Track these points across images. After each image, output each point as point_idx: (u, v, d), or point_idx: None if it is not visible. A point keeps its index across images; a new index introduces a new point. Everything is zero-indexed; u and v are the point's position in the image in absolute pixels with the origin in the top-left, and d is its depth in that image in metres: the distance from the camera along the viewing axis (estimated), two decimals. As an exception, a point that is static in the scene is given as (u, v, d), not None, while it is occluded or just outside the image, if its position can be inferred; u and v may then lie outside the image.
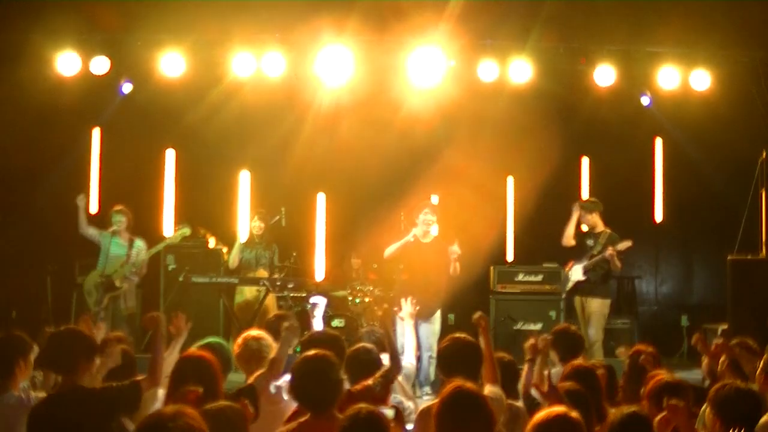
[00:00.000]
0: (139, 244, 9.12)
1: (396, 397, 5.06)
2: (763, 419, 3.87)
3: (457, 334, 4.89)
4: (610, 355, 8.52)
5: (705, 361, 5.64)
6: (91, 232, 9.07)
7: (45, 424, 3.99)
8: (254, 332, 5.22)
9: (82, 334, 4.50)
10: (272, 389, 4.95)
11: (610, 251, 8.70)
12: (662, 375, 4.62)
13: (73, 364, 4.28)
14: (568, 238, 9.03)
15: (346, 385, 4.86)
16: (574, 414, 3.32)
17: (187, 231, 9.20)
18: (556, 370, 5.77)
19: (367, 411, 3.51)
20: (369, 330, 6.01)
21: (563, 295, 9.23)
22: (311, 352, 4.22)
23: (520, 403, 4.87)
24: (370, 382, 4.69)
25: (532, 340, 4.94)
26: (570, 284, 9.07)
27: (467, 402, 3.55)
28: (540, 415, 3.35)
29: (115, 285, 8.92)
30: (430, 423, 4.42)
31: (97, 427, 4.06)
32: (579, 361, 5.00)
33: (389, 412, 3.93)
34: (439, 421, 3.56)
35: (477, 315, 5.04)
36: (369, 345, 5.09)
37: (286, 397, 4.89)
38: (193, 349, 4.69)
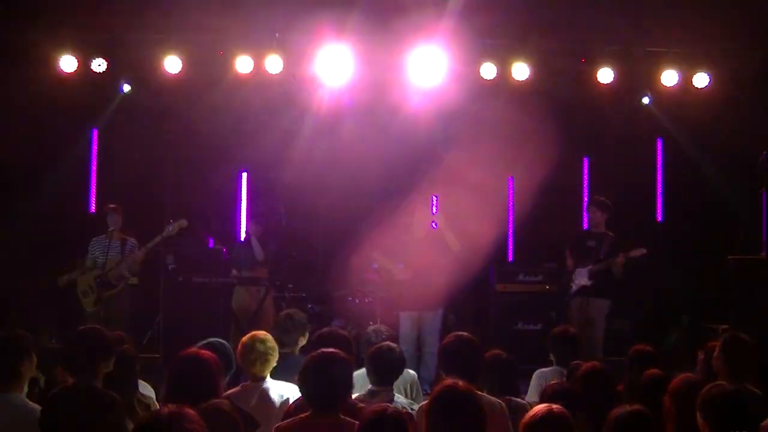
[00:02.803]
0: (132, 242, 9.13)
1: (399, 397, 5.04)
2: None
3: (459, 332, 4.89)
4: (609, 355, 8.51)
5: (700, 356, 5.63)
6: (89, 258, 9.06)
7: (59, 419, 3.99)
8: (261, 333, 5.20)
9: (102, 333, 4.49)
10: (271, 392, 4.94)
11: (621, 258, 8.65)
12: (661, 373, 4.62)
13: (92, 364, 4.28)
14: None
15: (368, 385, 4.87)
16: (556, 407, 3.37)
17: (184, 223, 9.15)
18: (553, 369, 5.78)
19: (394, 410, 3.52)
20: (376, 329, 5.98)
21: (566, 299, 9.19)
22: (326, 349, 4.19)
23: (519, 399, 4.88)
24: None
25: None
26: (574, 288, 9.03)
27: (458, 401, 3.54)
28: (528, 414, 3.40)
29: (112, 283, 8.91)
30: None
31: (109, 426, 4.06)
32: (590, 363, 4.96)
33: None
34: (429, 419, 3.55)
35: None
36: (392, 344, 5.08)
37: (281, 394, 4.89)
38: (192, 348, 4.66)
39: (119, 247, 9.03)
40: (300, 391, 4.15)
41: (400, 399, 4.94)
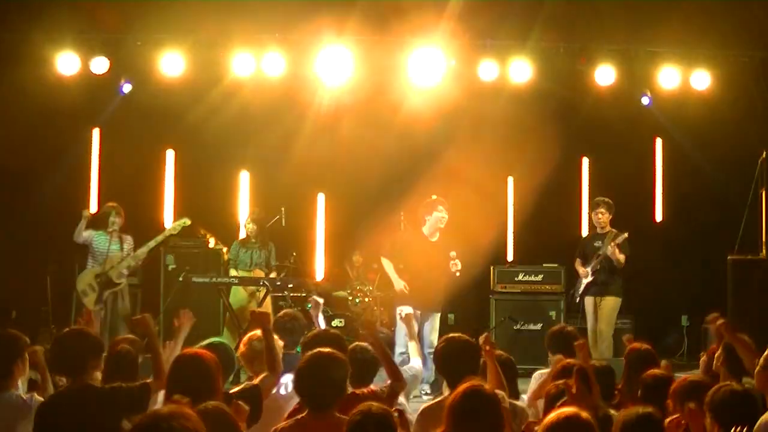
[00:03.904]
0: (130, 240, 9.11)
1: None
2: (763, 418, 3.87)
3: (454, 334, 4.88)
4: (616, 356, 8.51)
5: (702, 358, 5.63)
6: (86, 235, 9.01)
7: (54, 420, 3.99)
8: (260, 332, 5.20)
9: (88, 333, 4.50)
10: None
11: (610, 247, 8.80)
12: (663, 372, 4.62)
13: (82, 364, 4.28)
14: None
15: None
16: (585, 414, 3.25)
17: (187, 221, 9.15)
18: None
19: (379, 408, 3.52)
20: (356, 347, 5.94)
21: (577, 299, 9.25)
22: (323, 349, 4.18)
23: (519, 402, 4.87)
24: (375, 388, 4.68)
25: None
26: (582, 288, 9.11)
27: (482, 402, 3.54)
28: (551, 416, 3.30)
29: (114, 282, 8.91)
30: (430, 422, 4.43)
31: (105, 425, 4.07)
32: (570, 359, 4.97)
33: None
34: (451, 418, 3.54)
35: (482, 338, 4.84)
36: (365, 344, 5.07)
37: (283, 392, 4.89)
38: (191, 348, 4.66)
39: (118, 245, 9.02)
40: (296, 390, 4.15)
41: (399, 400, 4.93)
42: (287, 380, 4.96)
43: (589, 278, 9.01)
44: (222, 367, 4.32)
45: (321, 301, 6.01)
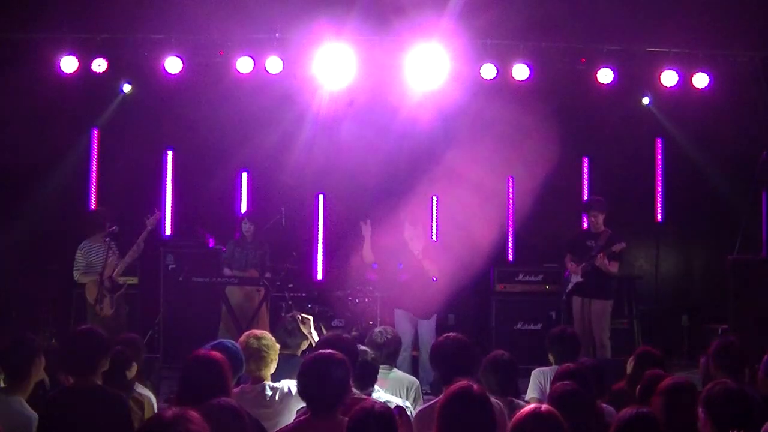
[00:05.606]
0: (111, 242, 9.06)
1: (385, 395, 5.02)
2: None
3: (451, 333, 4.91)
4: (616, 356, 8.51)
5: (702, 361, 5.63)
6: (84, 261, 8.93)
7: (60, 418, 4.00)
8: (258, 331, 5.21)
9: (98, 333, 4.51)
10: (268, 391, 4.94)
11: (600, 258, 8.71)
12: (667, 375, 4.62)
13: (93, 364, 4.30)
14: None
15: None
16: (544, 407, 3.37)
17: (157, 214, 9.08)
18: (553, 368, 5.78)
19: (381, 407, 3.53)
20: (381, 329, 5.96)
21: (563, 297, 9.23)
22: (323, 351, 4.17)
23: (519, 400, 4.89)
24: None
25: None
26: (570, 286, 9.06)
27: (472, 402, 3.54)
28: (515, 417, 3.39)
29: (119, 284, 8.87)
30: (427, 425, 4.43)
31: (112, 424, 4.07)
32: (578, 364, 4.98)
33: None
34: (441, 419, 3.55)
35: None
36: (365, 347, 5.07)
37: (278, 398, 4.88)
38: (203, 349, 4.66)
39: (106, 249, 8.96)
40: (299, 393, 4.14)
41: (389, 398, 4.92)
42: (286, 384, 4.95)
43: (579, 278, 8.94)
44: (231, 367, 4.32)
45: (310, 318, 6.01)
